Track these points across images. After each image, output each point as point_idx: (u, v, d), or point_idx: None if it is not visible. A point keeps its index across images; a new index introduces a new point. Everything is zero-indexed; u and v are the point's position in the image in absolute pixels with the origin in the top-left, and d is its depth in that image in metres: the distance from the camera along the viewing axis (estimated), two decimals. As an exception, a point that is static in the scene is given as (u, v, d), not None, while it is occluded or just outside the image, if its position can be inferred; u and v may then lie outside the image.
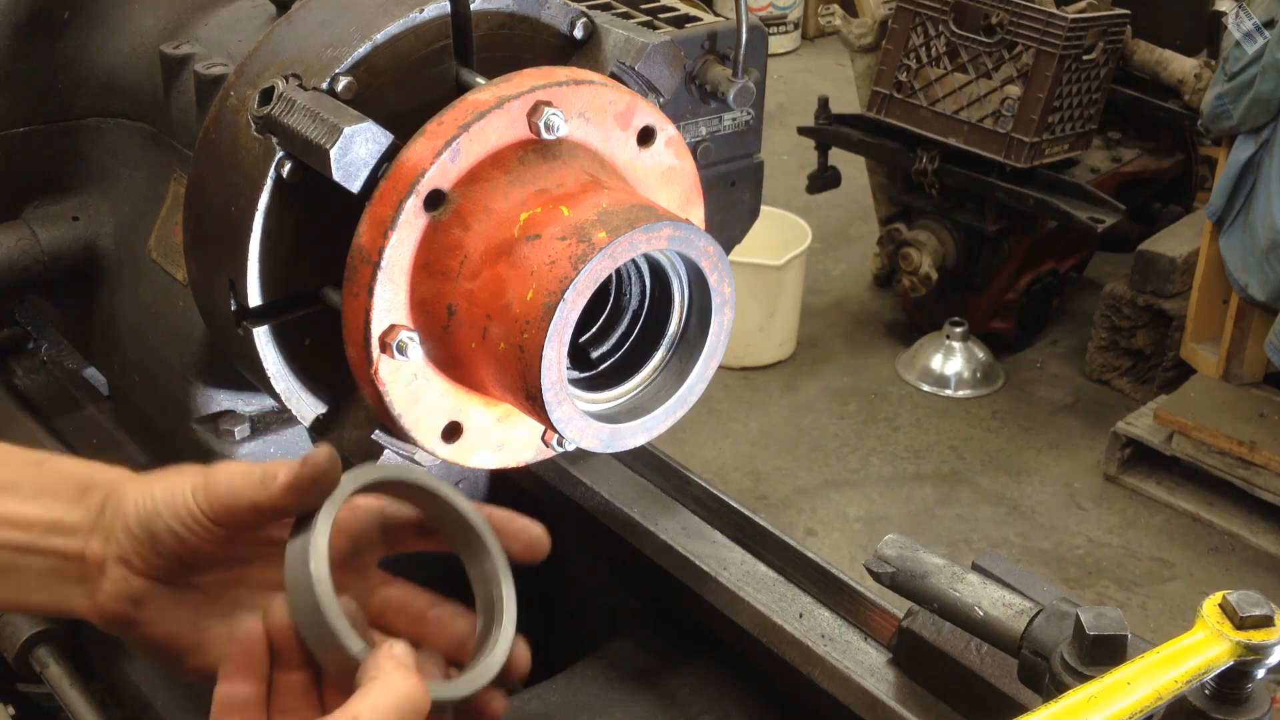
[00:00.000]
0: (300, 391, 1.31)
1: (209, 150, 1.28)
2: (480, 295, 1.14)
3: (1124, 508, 4.13)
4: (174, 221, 1.51)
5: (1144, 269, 4.43)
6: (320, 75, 1.18)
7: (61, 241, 1.67)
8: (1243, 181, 3.84)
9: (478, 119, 1.14)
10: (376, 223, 1.13)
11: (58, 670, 1.69)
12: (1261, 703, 1.07)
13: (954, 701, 1.41)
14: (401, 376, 1.19)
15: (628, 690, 1.64)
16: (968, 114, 4.39)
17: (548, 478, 1.79)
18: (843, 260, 5.53)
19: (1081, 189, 4.36)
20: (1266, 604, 1.02)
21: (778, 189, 5.17)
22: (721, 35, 1.56)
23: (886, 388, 4.71)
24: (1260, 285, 3.82)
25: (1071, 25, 4.20)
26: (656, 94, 1.33)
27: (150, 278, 1.56)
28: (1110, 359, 4.67)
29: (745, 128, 1.66)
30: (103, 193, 1.68)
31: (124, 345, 1.63)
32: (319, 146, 1.12)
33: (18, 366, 1.94)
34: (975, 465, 4.33)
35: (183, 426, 1.53)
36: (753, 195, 1.73)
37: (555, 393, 1.13)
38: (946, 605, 1.33)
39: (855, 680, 1.43)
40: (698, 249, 1.17)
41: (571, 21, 1.32)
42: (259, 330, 1.25)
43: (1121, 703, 0.97)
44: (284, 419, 1.53)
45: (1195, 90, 4.51)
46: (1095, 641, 1.14)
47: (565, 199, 1.14)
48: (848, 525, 4.02)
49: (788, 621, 1.51)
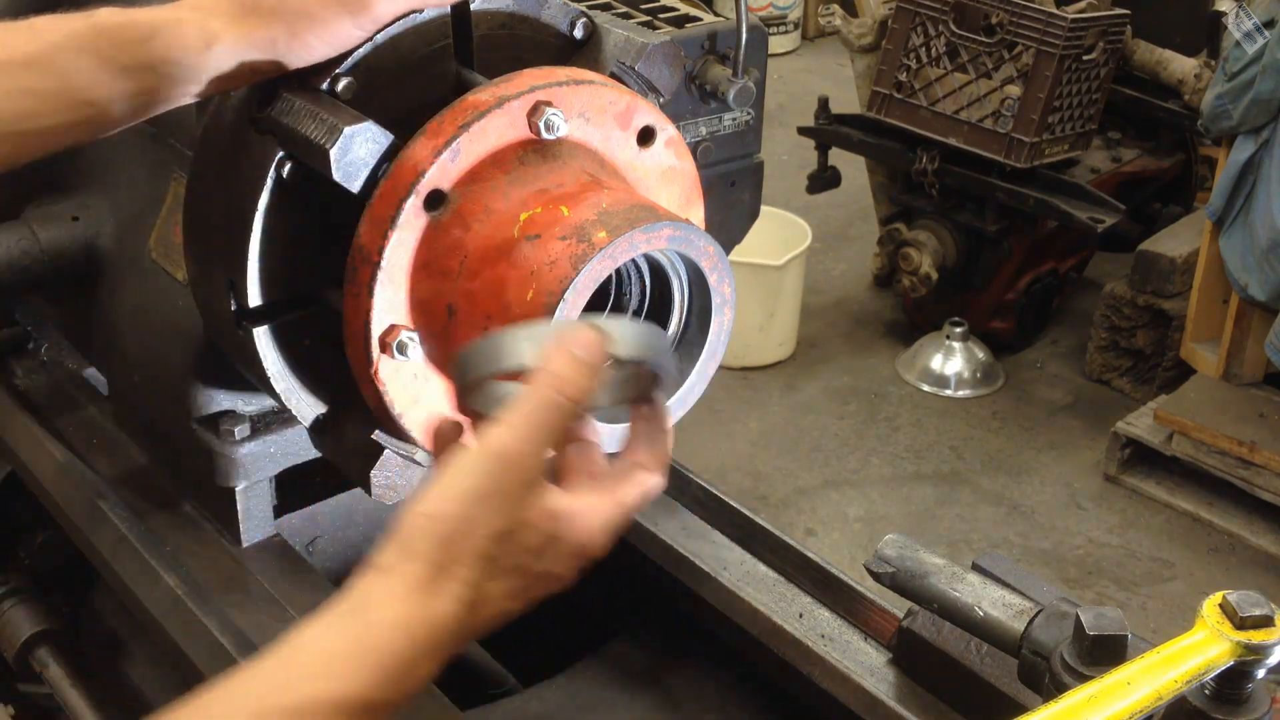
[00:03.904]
0: (300, 391, 1.31)
1: (209, 150, 1.28)
2: (480, 295, 1.14)
3: (1124, 508, 4.13)
4: (174, 221, 1.51)
5: (1144, 269, 4.43)
6: (320, 75, 1.18)
7: (61, 241, 1.67)
8: (1243, 181, 3.83)
9: (478, 119, 1.14)
10: (376, 223, 1.13)
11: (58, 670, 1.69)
12: (1261, 703, 1.07)
13: (954, 701, 1.41)
14: (401, 376, 1.19)
15: (628, 690, 1.64)
16: (968, 114, 4.39)
17: (547, 478, 1.79)
18: (843, 260, 5.53)
19: (1081, 189, 4.36)
20: (1266, 604, 1.03)
21: (778, 189, 5.17)
22: (721, 35, 1.56)
23: (886, 388, 4.71)
24: (1260, 285, 3.82)
25: (1071, 25, 4.20)
26: (656, 94, 1.33)
27: (150, 278, 1.56)
28: (1110, 359, 4.67)
29: (745, 128, 1.66)
30: (103, 192, 1.68)
31: (124, 345, 1.64)
32: (319, 146, 1.12)
33: (18, 366, 1.94)
34: (975, 465, 4.33)
35: (183, 426, 1.53)
36: (753, 195, 1.74)
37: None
38: (946, 605, 1.33)
39: (855, 680, 1.43)
40: (698, 249, 1.17)
41: (571, 21, 1.32)
42: (259, 330, 1.25)
43: (1121, 703, 0.97)
44: (284, 419, 1.53)
45: (1195, 90, 4.51)
46: (1095, 641, 1.14)
47: (565, 199, 1.14)
48: (848, 525, 4.02)
49: (788, 621, 1.51)
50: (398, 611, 0.85)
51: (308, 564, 1.60)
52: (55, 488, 1.69)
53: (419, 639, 0.85)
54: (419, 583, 0.86)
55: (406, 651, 0.85)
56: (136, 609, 1.54)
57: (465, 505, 0.88)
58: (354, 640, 0.85)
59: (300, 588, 1.53)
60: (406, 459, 1.30)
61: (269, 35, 1.12)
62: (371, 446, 1.29)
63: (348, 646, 0.85)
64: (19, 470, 1.79)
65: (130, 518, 1.60)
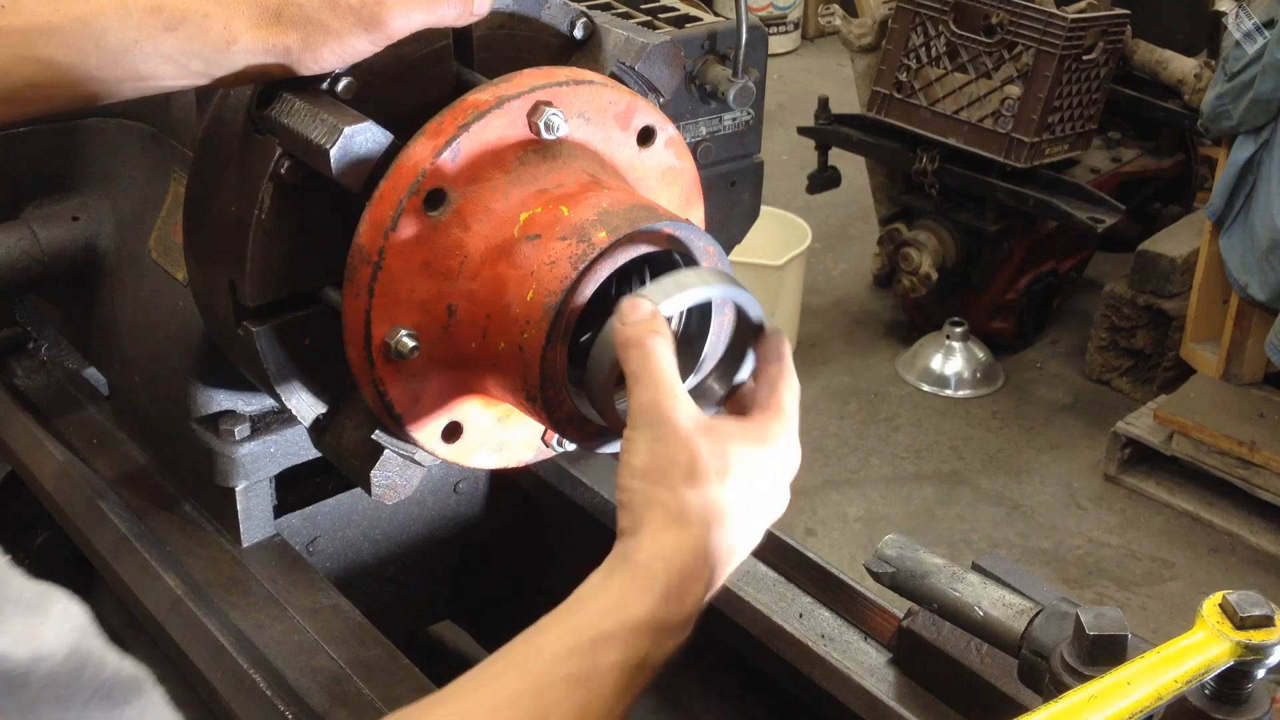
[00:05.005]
0: (300, 391, 1.31)
1: (209, 150, 1.28)
2: (480, 295, 1.14)
3: (1124, 508, 4.13)
4: (174, 221, 1.51)
5: (1144, 269, 4.42)
6: (320, 75, 1.18)
7: (61, 241, 1.67)
8: (1243, 181, 3.83)
9: (478, 119, 1.14)
10: (376, 223, 1.13)
11: (58, 670, 1.68)
12: (1261, 703, 1.07)
13: (954, 701, 1.41)
14: (401, 376, 1.19)
15: (628, 690, 1.63)
16: (968, 114, 4.39)
17: (548, 478, 1.79)
18: (843, 260, 5.53)
19: (1081, 189, 4.36)
20: (1266, 604, 1.03)
21: (778, 189, 5.17)
22: (721, 35, 1.56)
23: (886, 388, 4.71)
24: (1260, 285, 3.82)
25: (1071, 25, 4.20)
26: (656, 94, 1.33)
27: (150, 278, 1.56)
28: (1110, 359, 4.67)
29: (745, 128, 1.65)
30: (103, 192, 1.68)
31: (124, 345, 1.63)
32: (319, 146, 1.12)
33: (18, 366, 1.94)
34: (975, 465, 4.33)
35: (183, 426, 1.53)
36: (753, 195, 1.73)
37: (555, 393, 1.13)
38: (946, 605, 1.33)
39: (855, 680, 1.43)
40: (698, 249, 1.17)
41: (571, 21, 1.32)
42: (259, 330, 1.25)
43: (1121, 703, 0.97)
44: (284, 419, 1.53)
45: (1195, 90, 4.51)
46: (1095, 641, 1.14)
47: (565, 199, 1.14)
48: (848, 525, 4.02)
49: (788, 621, 1.51)
50: (655, 548, 0.99)
51: (308, 564, 1.59)
52: (55, 488, 1.69)
53: (678, 562, 0.99)
54: (666, 521, 1.00)
55: (675, 573, 0.98)
56: (136, 609, 1.54)
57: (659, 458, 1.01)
58: (628, 577, 0.98)
59: (300, 588, 1.53)
60: (406, 459, 1.30)
61: (285, 43, 1.13)
62: (371, 446, 1.29)
63: (624, 582, 0.98)
64: (19, 470, 1.79)
65: (130, 518, 1.60)
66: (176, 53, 1.12)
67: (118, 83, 1.13)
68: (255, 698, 1.37)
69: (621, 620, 0.96)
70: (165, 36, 1.11)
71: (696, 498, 1.00)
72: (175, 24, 1.11)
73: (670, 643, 0.99)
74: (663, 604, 0.97)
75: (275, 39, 1.13)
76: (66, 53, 1.10)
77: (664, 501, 1.00)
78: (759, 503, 1.06)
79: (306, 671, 1.41)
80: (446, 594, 1.94)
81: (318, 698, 1.37)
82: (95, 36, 1.10)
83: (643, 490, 1.01)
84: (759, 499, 1.06)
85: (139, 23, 1.11)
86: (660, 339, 1.03)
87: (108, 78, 1.13)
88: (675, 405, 1.02)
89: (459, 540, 1.87)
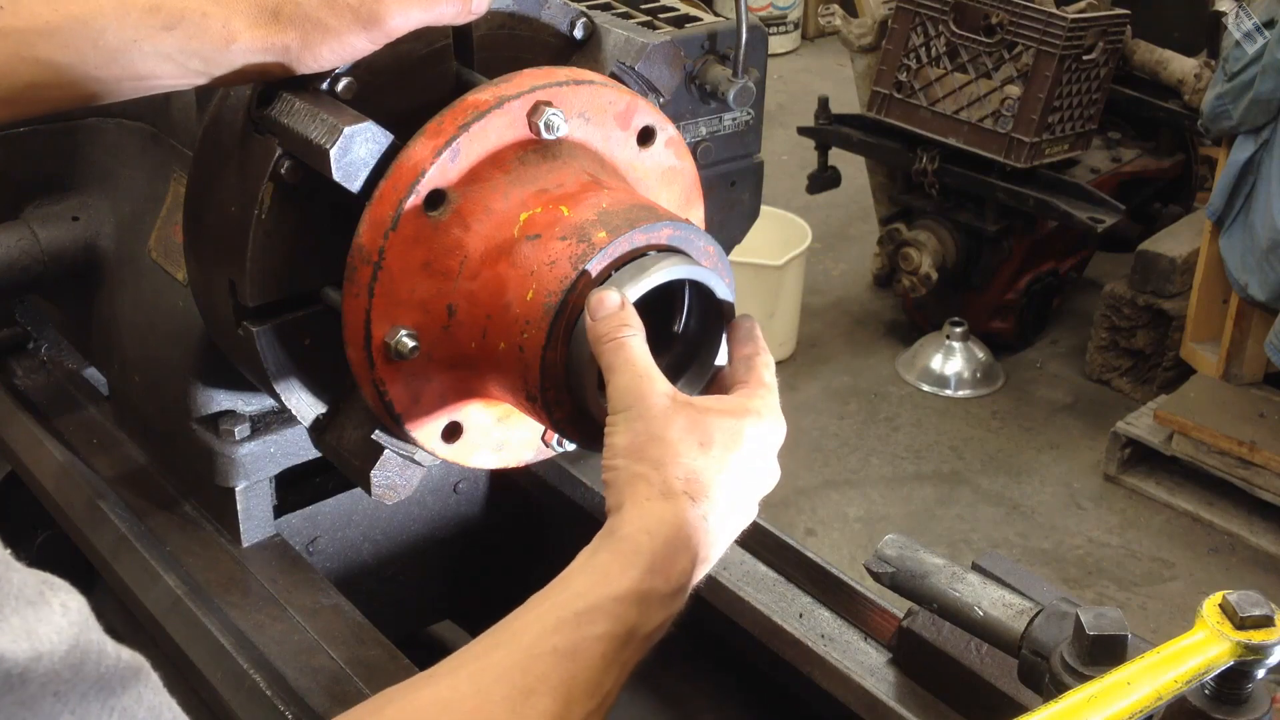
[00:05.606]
0: (300, 391, 1.31)
1: (209, 150, 1.28)
2: (480, 295, 1.14)
3: (1124, 508, 4.13)
4: (174, 221, 1.51)
5: (1144, 269, 4.43)
6: (320, 75, 1.18)
7: (61, 241, 1.66)
8: (1243, 181, 3.83)
9: (478, 119, 1.14)
10: (376, 223, 1.13)
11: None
12: (1261, 703, 1.07)
13: (954, 701, 1.41)
14: (401, 376, 1.19)
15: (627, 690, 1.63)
16: (968, 114, 4.39)
17: (548, 478, 1.79)
18: (843, 260, 5.53)
19: (1081, 189, 4.36)
20: (1266, 604, 1.02)
21: (778, 189, 5.17)
22: (721, 35, 1.55)
23: (886, 388, 4.71)
24: (1260, 285, 3.82)
25: (1071, 25, 4.20)
26: (656, 94, 1.33)
27: (150, 278, 1.56)
28: (1110, 359, 4.67)
29: (745, 128, 1.65)
30: (103, 193, 1.67)
31: (124, 345, 1.63)
32: (319, 146, 1.12)
33: (18, 366, 1.94)
34: (975, 465, 4.33)
35: (183, 426, 1.53)
36: (753, 195, 1.73)
37: (555, 393, 1.13)
38: (946, 605, 1.33)
39: (855, 680, 1.43)
40: (698, 249, 1.17)
41: (571, 21, 1.32)
42: (259, 330, 1.25)
43: (1121, 703, 0.97)
44: (284, 419, 1.53)
45: (1195, 90, 4.51)
46: (1095, 641, 1.14)
47: (565, 199, 1.14)
48: (848, 525, 4.02)
49: (788, 621, 1.51)
50: (639, 521, 1.01)
51: (308, 564, 1.59)
52: (55, 488, 1.68)
53: (662, 534, 1.00)
54: (648, 494, 1.02)
55: (659, 544, 1.00)
56: (136, 609, 1.54)
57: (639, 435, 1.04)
58: (612, 551, 1.00)
59: (300, 588, 1.53)
60: (406, 459, 1.30)
61: (284, 42, 1.13)
62: (371, 446, 1.29)
63: (609, 556, 1.00)
64: (19, 470, 1.79)
65: (130, 518, 1.60)
66: (175, 52, 1.12)
67: (116, 82, 1.14)
68: (255, 698, 1.37)
69: (607, 592, 0.97)
70: (164, 35, 1.11)
71: (679, 470, 1.02)
72: (174, 23, 1.11)
73: (660, 614, 1.00)
74: (648, 575, 0.98)
75: (274, 37, 1.13)
76: (65, 53, 1.10)
77: (646, 476, 1.02)
78: (745, 473, 1.07)
79: (306, 671, 1.41)
80: (446, 594, 1.94)
81: (318, 698, 1.37)
82: (94, 36, 1.10)
83: (626, 467, 1.03)
84: (745, 469, 1.07)
85: (137, 22, 1.11)
86: (630, 330, 1.07)
87: (106, 77, 1.13)
88: (652, 385, 1.05)
89: (459, 540, 1.87)
